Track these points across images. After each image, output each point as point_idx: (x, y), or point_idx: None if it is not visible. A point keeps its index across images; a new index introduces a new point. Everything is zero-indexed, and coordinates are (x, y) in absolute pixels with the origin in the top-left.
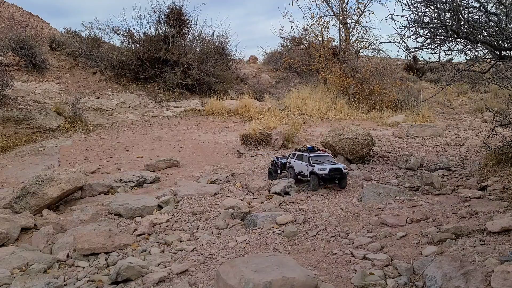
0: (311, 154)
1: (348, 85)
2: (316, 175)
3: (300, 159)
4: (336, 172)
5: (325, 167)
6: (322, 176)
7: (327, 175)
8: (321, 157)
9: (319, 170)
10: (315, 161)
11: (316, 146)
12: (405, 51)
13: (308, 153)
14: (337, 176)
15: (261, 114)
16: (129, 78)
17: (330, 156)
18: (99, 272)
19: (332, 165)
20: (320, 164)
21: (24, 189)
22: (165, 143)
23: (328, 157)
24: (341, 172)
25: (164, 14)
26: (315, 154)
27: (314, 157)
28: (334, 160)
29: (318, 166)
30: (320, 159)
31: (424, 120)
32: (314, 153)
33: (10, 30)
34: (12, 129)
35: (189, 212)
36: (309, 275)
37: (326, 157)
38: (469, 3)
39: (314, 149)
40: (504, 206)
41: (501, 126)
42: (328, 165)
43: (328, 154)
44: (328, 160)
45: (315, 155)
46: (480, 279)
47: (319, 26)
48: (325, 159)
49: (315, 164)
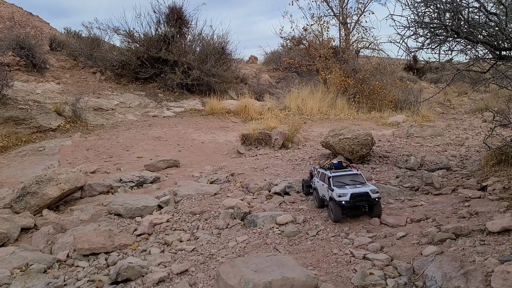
0: (333, 173)
1: (348, 85)
2: (336, 202)
3: (323, 178)
4: (360, 198)
5: (346, 191)
6: (341, 203)
7: (348, 202)
8: (346, 177)
9: (337, 196)
10: (337, 182)
11: (345, 162)
12: (405, 51)
13: (331, 171)
14: (363, 203)
15: (261, 114)
16: (129, 78)
17: (360, 175)
18: (99, 272)
19: (357, 188)
20: (341, 188)
21: (24, 189)
22: (165, 143)
23: (357, 177)
24: (368, 198)
25: (164, 14)
26: (338, 173)
27: (336, 177)
28: (364, 180)
29: (338, 189)
30: (344, 180)
31: (424, 120)
32: (339, 171)
33: (10, 30)
34: (12, 129)
35: (189, 212)
36: (309, 275)
37: (354, 176)
38: (469, 3)
39: (342, 166)
40: (504, 206)
41: (501, 126)
42: (351, 188)
43: (357, 172)
44: (355, 180)
45: (338, 174)
46: (480, 279)
47: (319, 26)
48: (351, 179)
49: (335, 187)
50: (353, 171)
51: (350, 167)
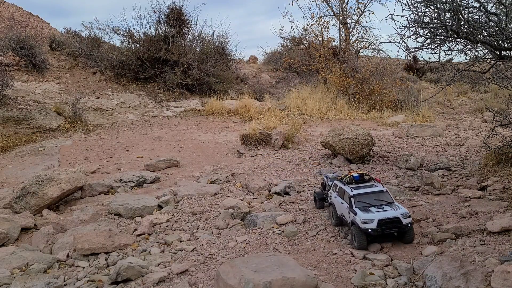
0: (355, 190)
1: (348, 85)
2: (360, 228)
3: (341, 195)
4: (389, 225)
5: (371, 216)
6: (367, 231)
7: (374, 230)
8: (370, 196)
9: (362, 222)
10: (360, 203)
11: (367, 174)
12: (405, 51)
13: (352, 187)
14: (392, 230)
15: (261, 114)
16: (129, 78)
17: (386, 193)
18: (99, 272)
19: (384, 212)
20: (365, 210)
21: (24, 189)
22: (165, 143)
23: (383, 195)
24: (399, 224)
25: (164, 14)
26: (361, 190)
27: (359, 196)
28: (391, 199)
29: (362, 214)
30: (368, 199)
31: (424, 120)
32: (361, 187)
33: (10, 30)
34: (12, 129)
35: (189, 212)
36: (309, 275)
37: (379, 194)
38: (469, 3)
39: (363, 179)
40: (504, 206)
41: (501, 126)
42: (378, 211)
43: (383, 189)
44: (380, 199)
45: (360, 192)
46: (480, 279)
47: (319, 26)
48: (376, 198)
49: (358, 209)
50: (378, 186)
51: (373, 180)
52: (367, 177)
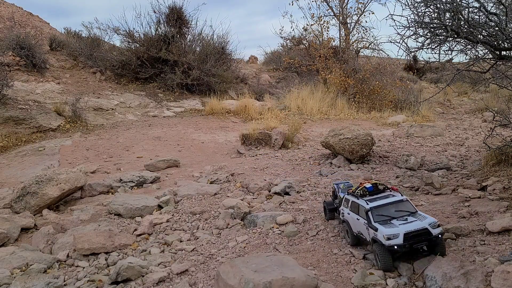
0: (371, 202)
1: (348, 85)
2: (383, 245)
3: (356, 210)
4: (418, 239)
5: (396, 230)
6: (392, 248)
7: (401, 246)
8: (389, 207)
9: (386, 238)
10: (379, 216)
11: (382, 184)
12: (405, 51)
13: (367, 201)
14: (422, 244)
15: (261, 114)
16: (129, 78)
17: (407, 202)
18: (99, 272)
19: (409, 224)
20: (387, 224)
21: (24, 189)
22: (165, 143)
23: (403, 204)
24: (429, 236)
25: (164, 14)
26: (377, 202)
27: (377, 208)
28: (413, 208)
29: (384, 229)
30: (387, 211)
31: (424, 120)
32: (377, 199)
33: (10, 30)
34: (12, 129)
35: (189, 212)
36: (309, 275)
37: (399, 204)
38: (469, 3)
39: (377, 189)
40: (504, 206)
41: (501, 126)
42: (402, 223)
43: (402, 197)
44: (402, 210)
45: (377, 204)
46: (480, 279)
47: (319, 26)
48: (396, 208)
49: (378, 223)
50: (396, 196)
51: (388, 189)
52: (381, 187)
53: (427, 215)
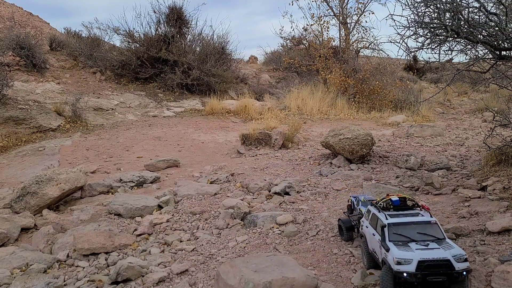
0: (391, 218)
1: (348, 85)
2: (391, 270)
3: (374, 224)
4: (434, 270)
5: (410, 255)
6: (401, 275)
7: (411, 275)
8: (413, 227)
9: (395, 262)
10: (397, 235)
11: (411, 199)
12: (405, 51)
13: (387, 215)
14: (439, 278)
15: (261, 114)
16: (129, 78)
17: (435, 225)
18: (99, 272)
19: (429, 251)
20: (403, 247)
21: (24, 189)
22: (165, 143)
23: (430, 227)
24: (450, 270)
25: (164, 14)
26: (400, 218)
27: (396, 226)
28: (441, 234)
29: (396, 250)
30: (409, 232)
31: (424, 120)
32: (400, 216)
33: (10, 30)
34: (12, 129)
35: (189, 212)
36: (309, 275)
37: (425, 226)
38: (469, 3)
39: (405, 205)
40: (504, 206)
41: (501, 126)
42: (421, 248)
43: (431, 219)
44: (426, 234)
45: (398, 221)
46: (480, 279)
47: (319, 26)
48: (420, 231)
49: (393, 243)
50: (424, 216)
51: (418, 207)
52: (410, 203)
53: (456, 244)
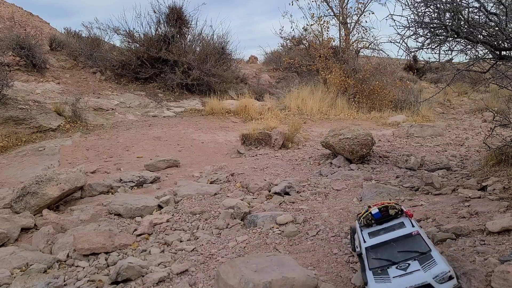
0: (371, 238)
1: (348, 85)
2: None
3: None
4: None
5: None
6: None
7: None
8: (393, 246)
9: None
10: (377, 261)
11: (393, 206)
12: (405, 51)
13: (369, 234)
14: None
15: (261, 114)
16: (129, 78)
17: (417, 237)
18: (99, 272)
19: (409, 276)
20: (380, 277)
21: (24, 189)
22: (165, 143)
23: (411, 240)
24: None
25: (164, 14)
26: (379, 237)
27: (374, 249)
28: (425, 246)
29: (373, 284)
30: (389, 252)
31: (424, 120)
32: (380, 233)
33: (10, 30)
34: (12, 129)
35: (189, 212)
36: (309, 275)
37: (406, 240)
38: (469, 3)
39: (388, 215)
40: (504, 206)
41: (501, 126)
42: (399, 275)
43: (411, 231)
44: (409, 250)
45: (377, 242)
46: (480, 279)
47: (319, 26)
48: (402, 248)
49: (371, 273)
50: (404, 227)
51: (402, 214)
52: (393, 211)
53: (441, 258)
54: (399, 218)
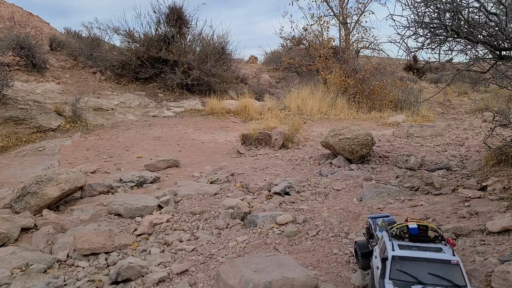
0: (401, 250)
1: (348, 85)
2: None
3: (382, 254)
4: None
5: None
6: None
7: None
8: (425, 265)
9: None
10: (401, 273)
11: (435, 229)
12: (405, 51)
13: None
14: None
15: (261, 114)
16: (129, 78)
17: (456, 266)
18: (99, 272)
19: None
20: None
21: (24, 189)
22: (165, 143)
23: (448, 268)
24: None
25: (164, 14)
26: (411, 251)
27: (403, 260)
28: (461, 279)
29: None
30: (418, 270)
31: (424, 120)
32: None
33: (10, 30)
34: (12, 129)
35: (189, 212)
36: (309, 275)
37: (443, 266)
38: (469, 3)
39: (426, 236)
40: (504, 206)
41: (501, 126)
42: None
43: (451, 259)
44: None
45: (407, 254)
46: (480, 279)
47: (319, 26)
48: (435, 271)
49: (391, 284)
50: (445, 253)
51: (443, 241)
52: (432, 234)
53: None
54: (437, 244)
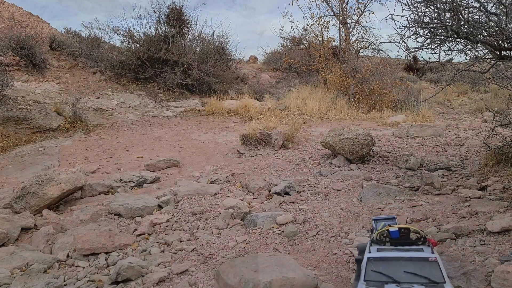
0: (378, 251)
1: (348, 85)
2: None
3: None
4: None
5: None
6: None
7: None
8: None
9: None
10: (376, 274)
11: (417, 231)
12: (405, 51)
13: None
14: None
15: (261, 114)
16: (129, 78)
17: (434, 263)
18: (99, 272)
19: None
20: None
21: (24, 189)
22: (165, 143)
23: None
24: None
25: (164, 14)
26: (387, 252)
27: (377, 261)
28: (439, 276)
29: None
30: (395, 269)
31: (424, 120)
32: (392, 250)
33: (10, 30)
34: (12, 129)
35: (189, 212)
36: (309, 275)
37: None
38: (469, 3)
39: (408, 239)
40: (504, 206)
41: (501, 126)
42: None
43: (429, 256)
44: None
45: (382, 255)
46: (480, 279)
47: (319, 26)
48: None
49: (364, 285)
50: (424, 252)
51: (425, 242)
52: (414, 236)
53: None
54: (420, 246)
